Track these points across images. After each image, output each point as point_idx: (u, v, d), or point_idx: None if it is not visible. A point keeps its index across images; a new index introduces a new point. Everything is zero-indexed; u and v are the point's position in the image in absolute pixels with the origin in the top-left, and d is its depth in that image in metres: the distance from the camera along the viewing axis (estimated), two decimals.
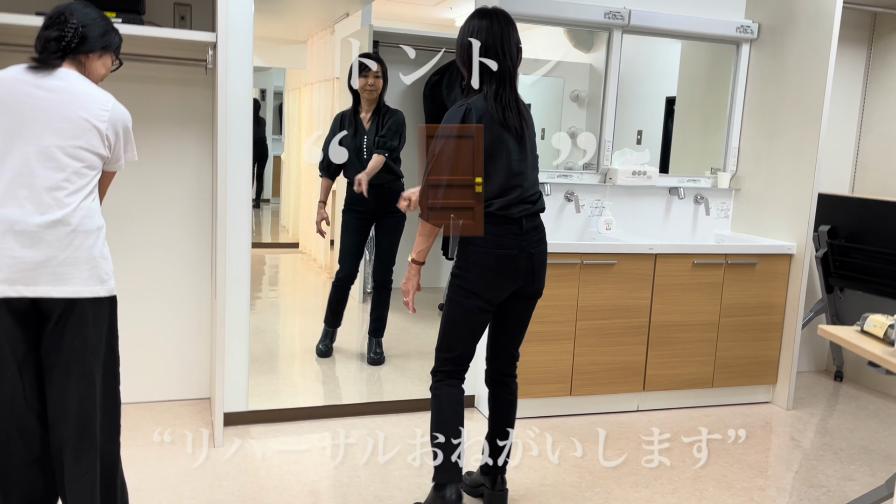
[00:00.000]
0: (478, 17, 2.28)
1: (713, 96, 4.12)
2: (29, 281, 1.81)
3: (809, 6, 3.55)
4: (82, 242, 1.86)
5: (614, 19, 3.66)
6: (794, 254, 3.62)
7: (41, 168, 1.82)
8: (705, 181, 4.00)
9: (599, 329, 3.40)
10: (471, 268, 2.29)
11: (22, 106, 1.83)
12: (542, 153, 4.21)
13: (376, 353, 3.96)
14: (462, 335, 2.35)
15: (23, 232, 1.81)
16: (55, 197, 1.83)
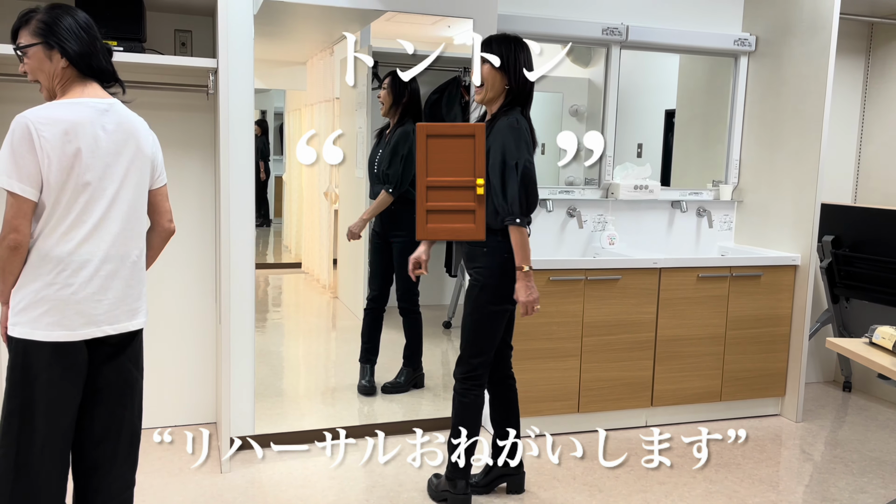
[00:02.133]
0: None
1: (713, 109, 4.13)
2: (112, 319, 1.87)
3: (806, 18, 3.57)
4: (141, 274, 1.97)
5: (612, 35, 3.68)
6: (799, 265, 3.62)
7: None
8: (707, 194, 4.00)
9: (606, 345, 3.38)
10: (505, 275, 2.49)
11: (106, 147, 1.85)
12: (545, 168, 4.22)
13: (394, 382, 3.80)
14: (494, 339, 2.57)
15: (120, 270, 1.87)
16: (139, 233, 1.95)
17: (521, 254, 2.43)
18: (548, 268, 3.23)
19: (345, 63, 5.22)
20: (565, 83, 4.17)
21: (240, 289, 3.03)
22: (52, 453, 1.82)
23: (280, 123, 7.38)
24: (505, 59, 2.44)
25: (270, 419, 3.34)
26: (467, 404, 2.57)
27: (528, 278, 2.45)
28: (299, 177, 6.12)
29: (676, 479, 2.97)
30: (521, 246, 2.42)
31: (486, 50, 2.46)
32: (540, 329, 3.27)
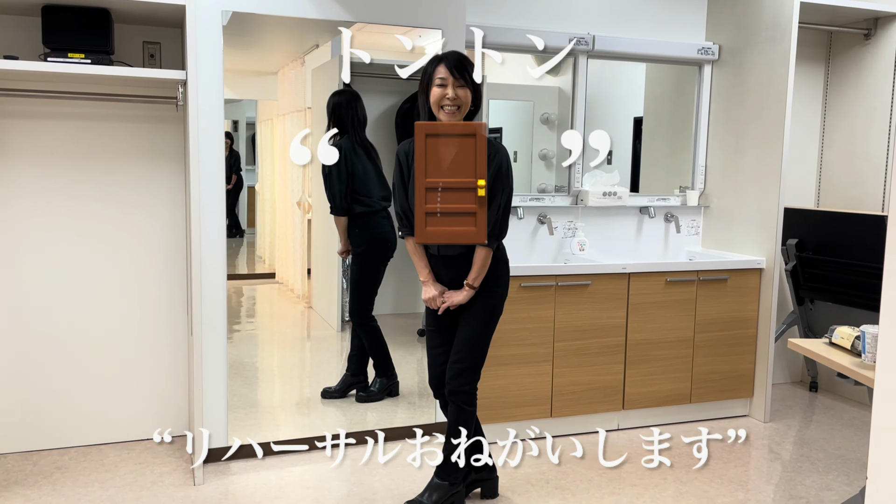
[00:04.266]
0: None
1: (679, 116, 4.21)
2: None
3: (767, 27, 3.66)
4: None
5: (579, 45, 3.74)
6: (764, 268, 3.70)
7: None
8: (675, 199, 4.08)
9: (577, 349, 3.43)
10: (506, 284, 2.64)
11: None
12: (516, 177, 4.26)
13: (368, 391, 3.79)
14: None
15: None
16: None
17: (480, 272, 2.51)
18: (519, 274, 3.27)
19: (317, 73, 5.25)
20: (536, 91, 4.23)
21: (211, 300, 3.03)
22: None
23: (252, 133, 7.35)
24: (471, 77, 2.46)
25: (245, 430, 3.33)
26: (474, 412, 2.68)
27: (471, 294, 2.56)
28: (272, 187, 6.12)
29: (647, 481, 3.02)
30: (484, 266, 2.51)
31: (460, 75, 2.43)
32: (512, 335, 3.31)
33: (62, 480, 2.90)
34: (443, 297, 2.56)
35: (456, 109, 2.43)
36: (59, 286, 3.14)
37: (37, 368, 3.16)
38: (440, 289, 2.57)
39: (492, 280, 2.56)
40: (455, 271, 2.55)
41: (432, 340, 2.68)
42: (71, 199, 3.13)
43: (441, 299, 2.56)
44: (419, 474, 3.02)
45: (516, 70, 4.21)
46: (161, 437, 3.30)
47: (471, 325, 2.57)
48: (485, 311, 2.57)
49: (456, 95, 2.41)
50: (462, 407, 2.62)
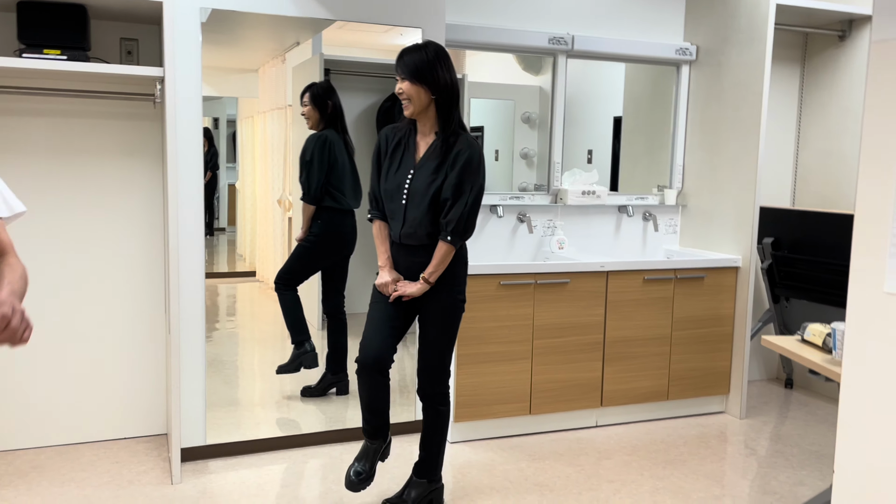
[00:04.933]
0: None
1: (657, 116, 4.25)
2: None
3: (743, 28, 3.70)
4: None
5: (558, 45, 3.76)
6: (740, 266, 3.74)
7: None
8: (653, 198, 4.12)
9: (556, 347, 3.45)
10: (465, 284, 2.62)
11: None
12: (497, 176, 4.28)
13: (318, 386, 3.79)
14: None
15: None
16: None
17: (437, 267, 2.48)
18: (498, 272, 3.29)
19: (297, 71, 5.23)
20: (517, 91, 4.24)
21: (190, 298, 3.01)
22: None
23: (233, 131, 7.32)
24: (419, 71, 2.41)
25: (224, 429, 3.32)
26: (449, 411, 2.67)
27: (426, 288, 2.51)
28: (252, 184, 6.09)
29: (625, 477, 3.05)
30: (443, 262, 2.48)
31: (399, 65, 2.44)
32: (491, 333, 3.32)
33: (38, 480, 2.87)
34: (395, 285, 2.53)
35: (408, 103, 2.44)
36: (34, 284, 3.11)
37: (13, 367, 3.13)
38: (395, 276, 2.55)
39: (455, 280, 2.54)
40: (413, 261, 2.53)
41: (375, 315, 2.56)
42: (47, 197, 3.10)
43: (394, 287, 2.52)
44: (398, 472, 3.03)
45: (498, 69, 4.23)
46: (137, 437, 3.29)
47: (439, 327, 2.55)
48: (452, 313, 2.55)
49: (401, 89, 2.43)
50: (438, 409, 2.63)
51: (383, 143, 2.57)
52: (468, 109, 4.12)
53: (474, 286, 3.26)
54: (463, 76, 4.13)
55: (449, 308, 2.54)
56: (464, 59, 4.15)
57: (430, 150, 2.49)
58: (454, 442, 3.36)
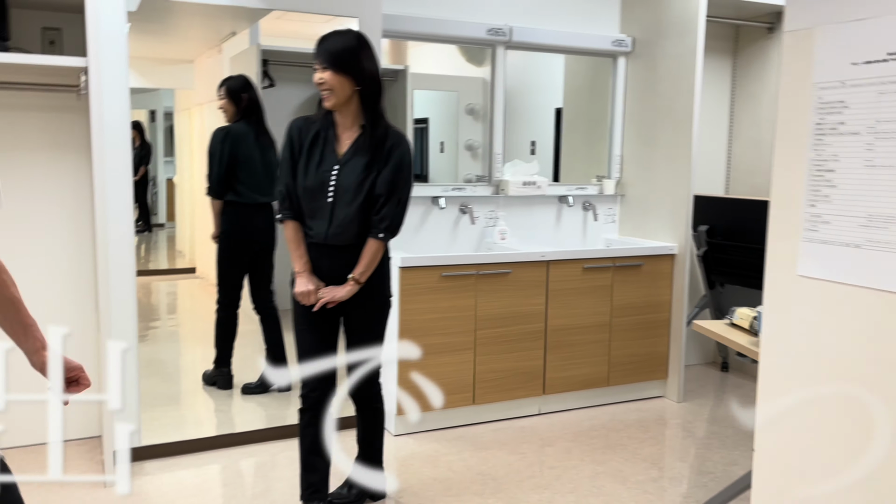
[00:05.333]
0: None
1: (596, 107, 4.30)
2: None
3: (676, 20, 3.78)
4: None
5: (496, 36, 3.77)
6: (676, 253, 3.83)
7: None
8: (592, 188, 4.17)
9: (498, 337, 3.47)
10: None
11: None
12: (443, 168, 4.29)
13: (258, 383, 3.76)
14: None
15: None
16: None
17: (368, 266, 2.37)
18: (439, 264, 3.29)
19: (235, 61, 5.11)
20: (461, 82, 4.24)
21: (120, 296, 2.93)
22: None
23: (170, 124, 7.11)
24: (343, 59, 2.27)
25: (163, 428, 3.25)
26: (384, 407, 2.63)
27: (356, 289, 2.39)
28: (191, 179, 5.94)
29: (566, 463, 3.09)
30: (374, 260, 2.38)
31: (320, 52, 2.29)
32: (433, 324, 3.32)
33: None
34: (319, 293, 2.37)
35: (329, 93, 2.27)
36: None
37: None
38: (317, 283, 2.38)
39: (384, 279, 2.45)
40: (339, 263, 2.37)
41: (307, 342, 2.42)
42: None
43: (317, 295, 2.36)
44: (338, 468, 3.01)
45: (441, 60, 4.22)
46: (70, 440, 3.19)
47: (370, 328, 2.45)
48: (383, 312, 2.48)
49: (321, 79, 2.27)
50: (375, 407, 2.59)
51: (296, 136, 2.37)
52: (411, 101, 4.11)
53: (416, 278, 3.26)
54: (405, 67, 4.11)
55: (379, 307, 2.46)
56: (406, 50, 4.13)
57: (357, 144, 2.35)
58: (398, 435, 3.36)
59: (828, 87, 1.31)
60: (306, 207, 2.37)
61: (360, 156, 2.33)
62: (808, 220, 1.39)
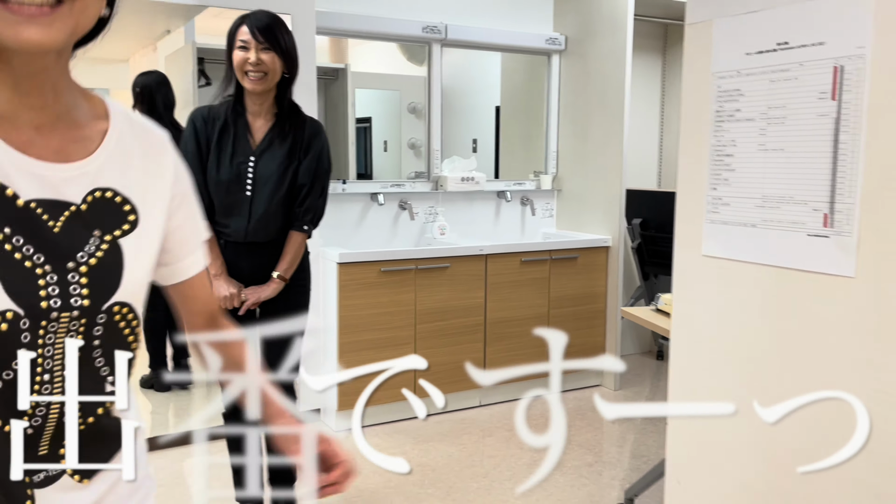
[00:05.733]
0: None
1: (532, 104, 4.39)
2: None
3: (606, 19, 3.89)
4: None
5: (432, 33, 3.82)
6: (611, 245, 3.94)
7: None
8: (530, 184, 4.26)
9: (438, 330, 3.51)
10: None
11: None
12: (387, 166, 4.31)
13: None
14: None
15: None
16: None
17: (293, 261, 2.26)
18: (378, 259, 3.31)
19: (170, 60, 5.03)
20: (403, 81, 4.27)
21: None
22: None
23: None
24: (282, 40, 2.12)
25: None
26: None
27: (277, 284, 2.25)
28: None
29: (505, 452, 3.16)
30: (298, 254, 2.27)
31: (258, 29, 2.09)
32: (373, 319, 3.34)
33: None
34: (242, 294, 2.22)
35: (262, 76, 2.09)
36: None
37: None
38: (237, 285, 2.22)
39: (306, 273, 2.33)
40: (260, 261, 2.23)
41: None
42: None
43: (241, 297, 2.21)
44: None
45: (382, 59, 4.24)
46: None
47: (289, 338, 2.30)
48: (304, 307, 2.34)
49: (259, 60, 2.07)
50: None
51: (200, 128, 2.17)
52: (353, 100, 4.12)
53: (354, 274, 3.27)
54: (346, 66, 4.12)
55: (302, 302, 2.32)
56: (346, 48, 4.14)
57: (272, 133, 2.20)
58: (339, 431, 3.37)
59: (725, 77, 1.40)
60: (220, 204, 2.19)
61: (278, 145, 2.19)
62: (711, 203, 1.47)
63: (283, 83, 2.17)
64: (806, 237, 1.29)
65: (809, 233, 1.28)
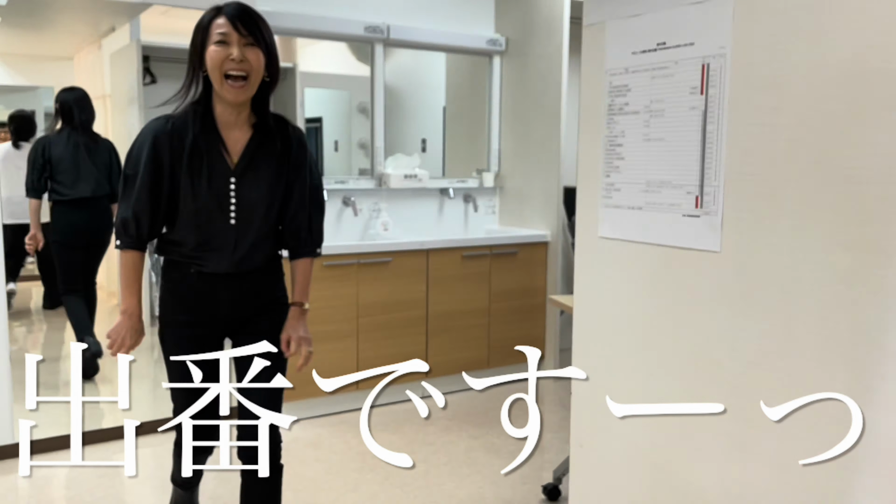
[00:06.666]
0: None
1: (476, 104, 4.52)
2: None
3: (544, 22, 4.03)
4: None
5: (374, 33, 3.91)
6: (550, 241, 4.08)
7: None
8: (473, 181, 4.38)
9: (381, 324, 3.61)
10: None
11: None
12: (337, 166, 4.38)
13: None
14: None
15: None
16: None
17: (308, 287, 2.01)
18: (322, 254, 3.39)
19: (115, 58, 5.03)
20: (353, 81, 4.35)
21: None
22: None
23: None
24: (269, 36, 1.77)
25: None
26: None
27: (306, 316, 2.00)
28: None
29: (444, 439, 3.26)
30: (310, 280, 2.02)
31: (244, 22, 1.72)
32: (315, 313, 3.38)
33: None
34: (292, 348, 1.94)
35: (244, 80, 1.71)
36: None
37: None
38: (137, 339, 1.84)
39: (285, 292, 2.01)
40: (243, 291, 1.87)
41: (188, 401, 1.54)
42: None
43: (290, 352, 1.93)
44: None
45: (332, 59, 4.32)
46: None
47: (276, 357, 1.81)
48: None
49: (243, 57, 1.69)
50: (282, 465, 1.98)
51: (164, 146, 1.76)
52: (302, 100, 4.18)
53: None
54: (294, 65, 4.19)
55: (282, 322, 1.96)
56: (295, 48, 4.21)
57: (251, 147, 1.81)
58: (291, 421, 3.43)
59: (616, 74, 1.53)
60: (196, 235, 1.81)
61: (262, 162, 1.82)
62: (605, 189, 1.60)
63: (262, 87, 1.79)
64: (682, 217, 1.43)
65: (684, 213, 1.42)
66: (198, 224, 1.80)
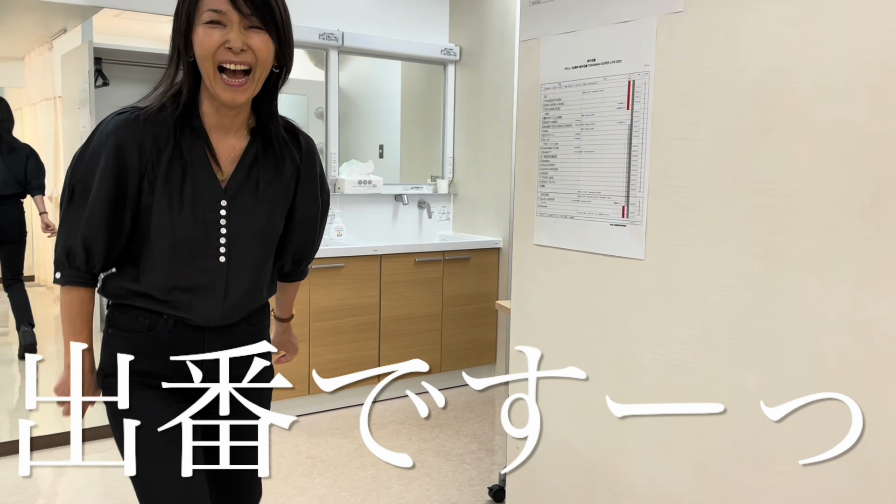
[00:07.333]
0: None
1: (431, 112, 4.57)
2: None
3: (496, 32, 4.11)
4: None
5: (328, 40, 3.94)
6: (501, 247, 4.15)
7: None
8: (427, 188, 4.43)
9: (334, 328, 3.63)
10: None
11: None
12: None
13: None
14: None
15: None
16: None
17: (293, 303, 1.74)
18: None
19: (66, 59, 4.97)
20: (309, 86, 4.36)
21: None
22: None
23: None
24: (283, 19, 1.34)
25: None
26: None
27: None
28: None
29: (394, 443, 3.30)
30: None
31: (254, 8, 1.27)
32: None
33: None
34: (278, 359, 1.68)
35: (245, 74, 1.29)
36: None
37: None
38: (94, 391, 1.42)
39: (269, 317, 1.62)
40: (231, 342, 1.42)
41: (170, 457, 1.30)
42: None
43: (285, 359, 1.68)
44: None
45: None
46: None
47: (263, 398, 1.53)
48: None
49: (245, 45, 1.27)
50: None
51: (131, 150, 1.30)
52: None
53: None
54: None
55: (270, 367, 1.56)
56: None
57: (248, 158, 1.39)
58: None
59: (550, 87, 1.59)
60: (173, 275, 1.36)
61: (262, 178, 1.40)
62: (540, 198, 1.66)
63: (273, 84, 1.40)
64: (610, 226, 1.49)
65: (612, 223, 1.48)
66: (174, 263, 1.34)
